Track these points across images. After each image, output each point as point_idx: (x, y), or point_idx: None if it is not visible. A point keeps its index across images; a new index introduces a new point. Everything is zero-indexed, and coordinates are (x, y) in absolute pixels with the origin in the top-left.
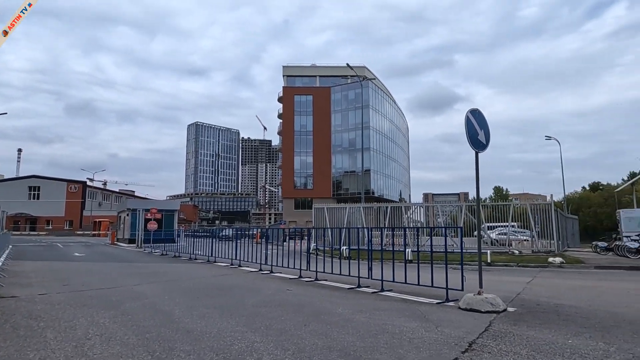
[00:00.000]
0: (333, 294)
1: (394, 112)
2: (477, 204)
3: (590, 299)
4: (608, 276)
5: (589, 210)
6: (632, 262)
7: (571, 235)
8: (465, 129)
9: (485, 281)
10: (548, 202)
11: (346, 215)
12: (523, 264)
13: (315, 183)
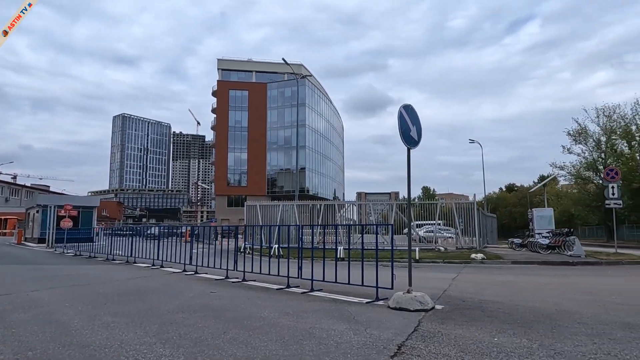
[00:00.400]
0: (260, 295)
1: (329, 112)
2: (408, 200)
3: (511, 294)
4: (524, 271)
5: (505, 210)
6: (543, 257)
7: (490, 232)
8: (398, 125)
9: (414, 278)
10: (471, 202)
11: (279, 213)
12: (448, 261)
13: (249, 180)
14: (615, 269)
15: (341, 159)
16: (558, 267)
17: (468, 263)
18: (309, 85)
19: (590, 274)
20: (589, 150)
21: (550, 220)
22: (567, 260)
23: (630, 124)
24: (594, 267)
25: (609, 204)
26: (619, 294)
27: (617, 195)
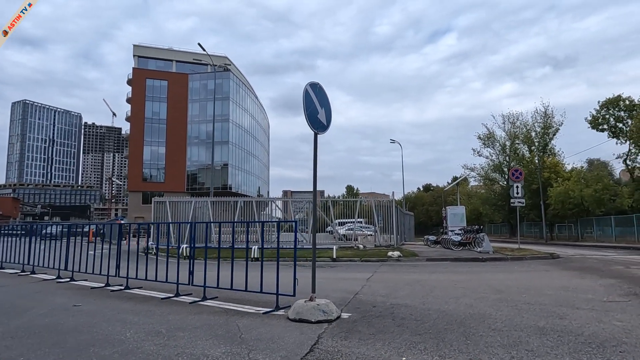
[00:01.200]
0: (136, 308)
1: (255, 108)
2: (314, 190)
3: (423, 294)
4: (437, 268)
5: (422, 208)
6: (456, 254)
7: (408, 230)
8: (303, 105)
9: (327, 280)
10: (390, 200)
11: (192, 209)
12: (366, 259)
13: (167, 176)
14: (520, 265)
15: (267, 157)
16: (469, 264)
17: (385, 261)
18: (233, 79)
19: (499, 270)
20: (495, 153)
21: (462, 218)
22: (477, 256)
23: (531, 131)
24: (501, 262)
25: (514, 203)
26: (527, 291)
27: (521, 195)
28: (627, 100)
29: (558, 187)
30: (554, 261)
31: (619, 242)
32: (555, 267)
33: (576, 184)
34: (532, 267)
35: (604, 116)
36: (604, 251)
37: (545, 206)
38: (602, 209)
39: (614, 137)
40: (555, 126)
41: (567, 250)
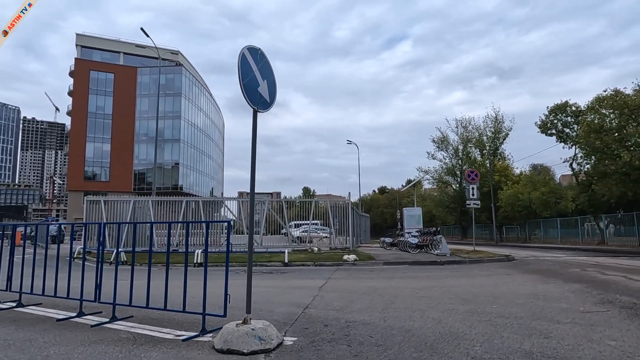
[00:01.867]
0: (14, 336)
1: (210, 106)
2: (251, 181)
3: (383, 307)
4: (396, 273)
5: (377, 210)
6: (413, 257)
7: (364, 232)
8: (239, 74)
9: (274, 290)
10: (346, 201)
11: (130, 210)
12: (320, 263)
13: (112, 175)
14: (479, 268)
15: (221, 157)
16: (428, 268)
17: (340, 265)
18: (186, 75)
19: (459, 274)
20: (449, 156)
21: (419, 219)
22: (435, 259)
23: (482, 135)
24: (460, 266)
25: (469, 204)
26: (496, 300)
27: (477, 196)
28: (573, 107)
29: (508, 190)
30: (511, 264)
31: (563, 243)
32: (515, 270)
33: (525, 187)
34: (492, 271)
35: (552, 121)
36: (552, 252)
37: (496, 208)
38: (548, 212)
39: (561, 141)
40: (505, 131)
41: (518, 251)
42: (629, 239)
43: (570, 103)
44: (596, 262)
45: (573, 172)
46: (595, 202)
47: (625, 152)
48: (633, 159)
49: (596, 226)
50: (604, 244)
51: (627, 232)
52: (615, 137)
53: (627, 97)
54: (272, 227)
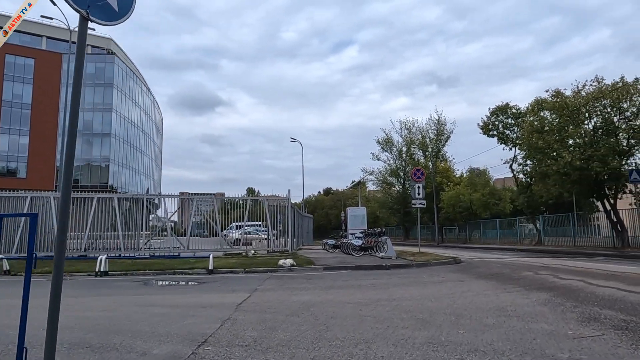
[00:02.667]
0: None
1: (148, 102)
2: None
3: (315, 337)
4: (336, 280)
5: (322, 211)
6: (357, 261)
7: (306, 233)
8: None
9: (174, 309)
10: (284, 199)
11: (26, 207)
12: (252, 269)
13: (31, 171)
14: (428, 272)
15: (159, 156)
16: (373, 273)
17: (274, 271)
18: (120, 65)
19: (408, 281)
20: (393, 158)
21: (363, 220)
22: (380, 263)
23: (426, 137)
24: (407, 270)
25: (415, 204)
26: (460, 320)
27: (422, 195)
28: (514, 109)
29: (450, 192)
30: (460, 267)
31: (502, 243)
32: (466, 274)
33: (466, 188)
34: (442, 276)
35: (493, 122)
36: (494, 253)
37: (438, 209)
38: (488, 213)
39: (502, 142)
40: (446, 133)
41: (461, 252)
42: (564, 240)
43: (511, 105)
44: (543, 264)
45: (513, 174)
46: (533, 203)
47: (566, 153)
48: (574, 159)
49: (533, 227)
50: (541, 244)
51: (562, 233)
52: (556, 138)
53: (567, 98)
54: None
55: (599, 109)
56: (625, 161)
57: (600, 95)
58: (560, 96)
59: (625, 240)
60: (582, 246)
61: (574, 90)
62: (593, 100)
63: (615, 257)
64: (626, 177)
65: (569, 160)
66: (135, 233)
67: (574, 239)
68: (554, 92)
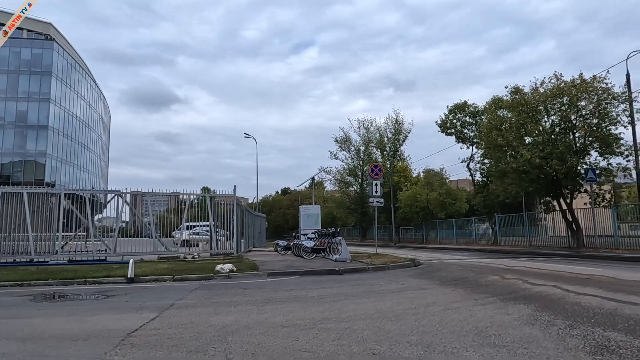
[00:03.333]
0: None
1: (94, 96)
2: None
3: None
4: (277, 292)
5: (279, 211)
6: (307, 264)
7: (258, 233)
8: None
9: (28, 342)
10: (229, 195)
11: None
12: (183, 276)
13: None
14: (386, 278)
15: (106, 152)
16: (323, 280)
17: (209, 279)
18: (60, 53)
19: (364, 290)
20: (351, 157)
21: (317, 219)
22: (333, 267)
23: (384, 136)
24: (363, 275)
25: (372, 202)
26: (431, 356)
27: (380, 193)
28: (472, 107)
29: (407, 191)
30: (419, 270)
31: (459, 243)
32: (428, 280)
33: (423, 188)
34: (402, 282)
35: (451, 120)
36: (452, 254)
37: (395, 209)
38: (444, 213)
39: (460, 141)
40: (404, 133)
41: (419, 253)
42: (520, 239)
43: (469, 103)
44: (506, 266)
45: (470, 173)
46: (490, 203)
47: (525, 150)
48: (533, 157)
49: (489, 227)
50: (497, 244)
51: (514, 233)
52: (515, 135)
53: (526, 95)
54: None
55: (557, 107)
56: (582, 160)
57: (558, 93)
58: (519, 93)
59: (580, 240)
60: (537, 246)
61: (532, 87)
62: (551, 97)
63: (573, 257)
64: (582, 176)
65: (528, 157)
66: (51, 234)
67: (529, 239)
68: (513, 88)
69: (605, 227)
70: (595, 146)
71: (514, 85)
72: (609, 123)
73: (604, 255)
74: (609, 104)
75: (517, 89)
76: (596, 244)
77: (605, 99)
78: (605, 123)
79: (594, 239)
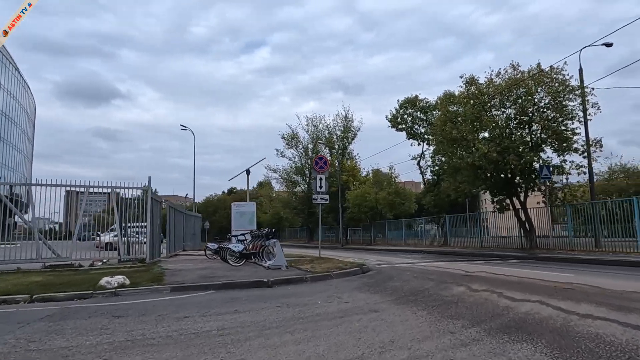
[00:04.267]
0: None
1: (16, 85)
2: None
3: None
4: (162, 322)
5: (223, 212)
6: (230, 274)
7: (192, 235)
8: None
9: None
10: (142, 187)
11: None
12: (49, 294)
13: None
14: (326, 292)
15: (30, 147)
16: (242, 298)
17: (85, 297)
18: None
19: (291, 315)
20: (299, 155)
21: (252, 218)
22: (261, 277)
23: (332, 134)
24: (297, 289)
25: (316, 199)
26: None
27: (325, 189)
28: (424, 101)
29: (356, 190)
30: (369, 279)
31: (408, 244)
32: (379, 294)
33: (372, 187)
34: (346, 299)
35: (402, 115)
36: (401, 256)
37: (343, 209)
38: (393, 212)
39: (411, 137)
40: (353, 131)
41: (367, 255)
42: (469, 240)
43: (421, 98)
44: (465, 272)
45: (420, 171)
46: (440, 202)
47: (482, 144)
48: (490, 151)
49: (439, 227)
50: (447, 245)
51: (467, 233)
52: (470, 129)
53: (481, 85)
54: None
55: (513, 98)
56: (537, 156)
57: (514, 84)
58: (474, 84)
59: (533, 241)
60: (488, 247)
61: (488, 78)
62: (507, 89)
63: (529, 259)
64: (537, 173)
65: (485, 151)
66: None
67: (480, 239)
68: (467, 79)
69: (560, 227)
70: (550, 142)
71: (469, 76)
72: (565, 117)
73: (562, 257)
74: (565, 96)
75: (471, 79)
76: (550, 244)
77: (562, 91)
78: (562, 117)
79: (547, 240)
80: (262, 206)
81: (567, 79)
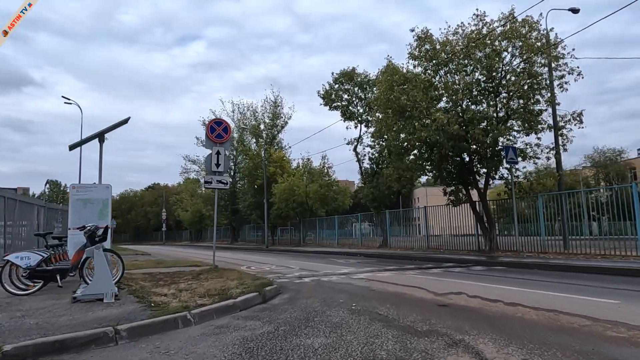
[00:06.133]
0: None
1: None
2: None
3: None
4: None
5: (142, 209)
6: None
7: None
8: None
9: None
10: None
11: None
12: None
13: None
14: None
15: None
16: None
17: None
18: None
19: None
20: None
21: (104, 210)
22: (31, 335)
23: (260, 122)
24: None
25: (210, 182)
26: None
27: (225, 168)
28: (362, 76)
29: (283, 183)
30: (261, 325)
31: (341, 245)
32: None
33: (301, 179)
34: None
35: (337, 92)
36: (335, 262)
37: (269, 205)
38: (325, 209)
39: (347, 118)
40: (284, 118)
41: (290, 260)
42: (412, 240)
43: (359, 72)
44: (436, 296)
45: (357, 158)
46: (380, 195)
47: (441, 113)
48: (450, 122)
49: (377, 226)
50: (387, 246)
51: (410, 232)
52: (423, 96)
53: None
54: None
55: (477, 58)
56: (508, 130)
57: (479, 38)
58: (430, 41)
59: (493, 241)
60: (436, 249)
61: (447, 32)
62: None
63: (489, 265)
64: (501, 156)
65: (444, 122)
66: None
67: (427, 239)
68: (420, 33)
69: (528, 223)
70: (518, 116)
71: (421, 29)
72: (539, 87)
73: (536, 262)
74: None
75: (426, 34)
76: (515, 245)
77: (539, 48)
78: (536, 85)
79: (511, 239)
80: (183, 203)
81: (544, 34)
